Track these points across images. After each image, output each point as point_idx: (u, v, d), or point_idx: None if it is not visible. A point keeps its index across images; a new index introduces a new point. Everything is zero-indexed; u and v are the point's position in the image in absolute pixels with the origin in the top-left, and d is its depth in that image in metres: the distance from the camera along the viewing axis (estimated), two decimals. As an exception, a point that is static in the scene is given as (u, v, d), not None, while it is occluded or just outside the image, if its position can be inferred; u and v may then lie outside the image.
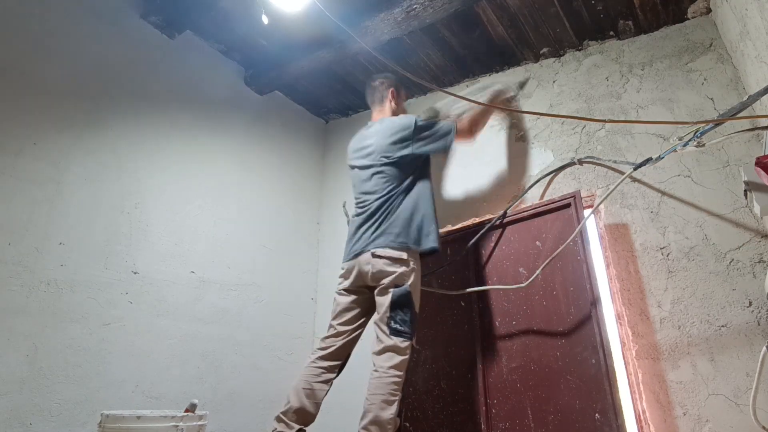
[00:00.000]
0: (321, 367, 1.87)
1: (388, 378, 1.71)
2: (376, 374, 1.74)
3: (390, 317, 1.79)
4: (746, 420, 1.56)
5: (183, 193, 2.28)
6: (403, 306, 1.81)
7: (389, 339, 1.77)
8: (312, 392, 1.82)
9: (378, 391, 1.70)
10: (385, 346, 1.77)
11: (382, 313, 1.82)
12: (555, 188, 2.24)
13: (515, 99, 2.53)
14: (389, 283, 1.83)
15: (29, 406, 1.61)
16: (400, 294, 1.82)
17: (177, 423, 1.54)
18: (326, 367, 1.88)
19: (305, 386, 1.83)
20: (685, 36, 2.20)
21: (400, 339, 1.77)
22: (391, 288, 1.83)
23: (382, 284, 1.85)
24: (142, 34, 2.33)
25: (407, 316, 1.81)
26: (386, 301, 1.82)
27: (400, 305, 1.81)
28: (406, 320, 1.80)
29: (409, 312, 1.82)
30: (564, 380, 1.84)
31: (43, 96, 1.90)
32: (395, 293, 1.81)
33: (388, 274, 1.85)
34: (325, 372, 1.87)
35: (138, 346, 1.93)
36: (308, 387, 1.83)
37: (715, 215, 1.86)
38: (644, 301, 1.87)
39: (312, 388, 1.83)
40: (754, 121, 1.82)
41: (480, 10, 2.28)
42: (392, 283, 1.83)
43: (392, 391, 1.70)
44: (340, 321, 1.95)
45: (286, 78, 2.74)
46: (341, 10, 2.26)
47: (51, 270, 1.76)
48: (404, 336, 1.77)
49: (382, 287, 1.85)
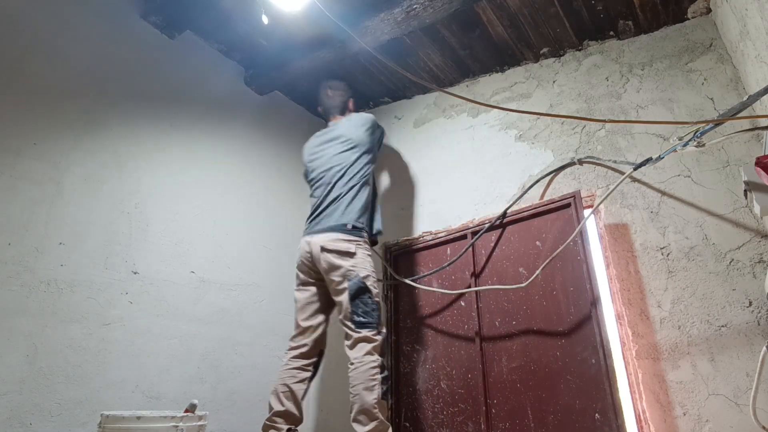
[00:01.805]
0: (295, 367, 1.93)
1: (364, 366, 1.78)
2: (352, 366, 1.80)
3: (352, 312, 1.87)
4: (746, 420, 1.56)
5: (183, 193, 2.28)
6: (361, 296, 1.89)
7: (357, 333, 1.85)
8: (291, 393, 1.88)
9: (357, 381, 1.76)
10: (354, 339, 1.85)
11: (344, 310, 1.90)
12: (555, 188, 2.24)
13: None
14: (341, 278, 1.91)
15: (29, 406, 1.61)
16: (356, 287, 1.89)
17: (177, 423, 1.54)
18: (301, 366, 1.94)
19: (283, 389, 1.88)
20: (685, 36, 2.20)
21: (366, 330, 1.84)
22: (345, 282, 1.90)
23: (334, 281, 1.93)
24: (142, 34, 2.33)
25: (368, 306, 1.88)
26: (345, 298, 1.90)
27: (358, 296, 1.89)
28: (368, 310, 1.88)
29: (369, 300, 1.89)
30: (564, 380, 1.84)
31: (43, 96, 1.90)
32: (350, 287, 1.89)
33: (338, 267, 1.93)
34: (300, 371, 1.93)
35: (138, 346, 1.93)
36: (286, 389, 1.88)
37: (715, 215, 1.86)
38: (644, 301, 1.87)
39: (291, 390, 1.88)
40: (754, 121, 1.82)
41: (480, 10, 2.28)
42: (344, 277, 1.91)
43: (371, 377, 1.76)
44: (304, 317, 2.02)
45: (286, 78, 2.74)
46: (341, 10, 2.26)
47: (51, 270, 1.76)
48: (370, 326, 1.85)
49: (335, 284, 1.93)
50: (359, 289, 1.89)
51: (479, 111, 2.66)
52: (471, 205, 2.46)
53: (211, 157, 2.47)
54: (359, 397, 1.73)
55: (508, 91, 2.62)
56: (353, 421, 1.72)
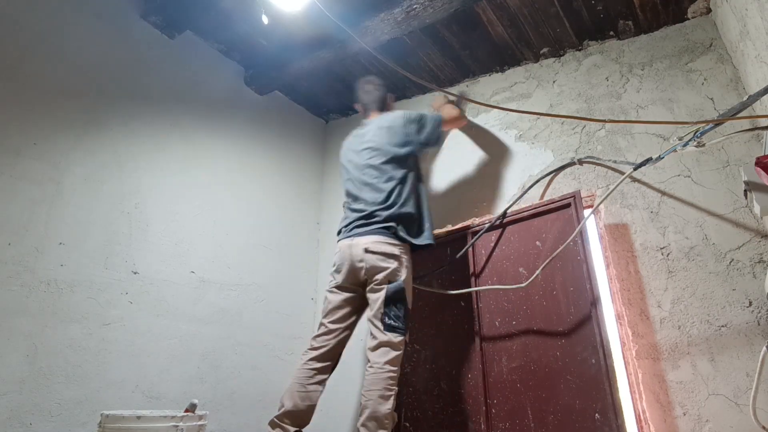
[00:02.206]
0: (314, 368, 1.88)
1: (383, 373, 1.73)
2: (371, 370, 1.75)
3: (384, 313, 1.82)
4: (746, 420, 1.56)
5: (183, 193, 2.28)
6: (396, 302, 1.84)
7: (383, 335, 1.79)
8: (306, 394, 1.82)
9: (374, 387, 1.71)
10: (379, 341, 1.79)
11: (375, 309, 1.84)
12: (555, 188, 2.24)
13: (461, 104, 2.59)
14: (383, 279, 1.85)
15: (29, 406, 1.61)
16: (395, 290, 1.84)
17: (177, 423, 1.54)
18: (319, 368, 1.88)
19: (299, 389, 1.83)
20: (685, 36, 2.20)
21: (394, 334, 1.79)
22: (385, 284, 1.85)
23: (375, 280, 1.86)
24: (142, 34, 2.33)
25: (401, 312, 1.83)
26: (380, 297, 1.84)
27: (393, 301, 1.83)
28: (400, 316, 1.83)
29: (402, 307, 1.85)
30: (564, 380, 1.84)
31: (43, 96, 1.90)
32: (389, 289, 1.84)
33: (382, 269, 1.86)
34: (318, 373, 1.87)
35: (138, 346, 1.93)
36: (302, 390, 1.83)
37: (715, 215, 1.86)
38: (644, 301, 1.87)
39: (306, 390, 1.83)
40: (754, 121, 1.82)
41: (480, 10, 2.28)
42: (386, 278, 1.85)
43: (388, 386, 1.72)
44: (332, 319, 1.96)
45: (286, 78, 2.74)
46: (341, 10, 2.26)
47: (51, 270, 1.76)
48: (398, 331, 1.80)
49: (375, 283, 1.86)
50: (397, 293, 1.83)
51: (479, 111, 2.66)
52: (471, 205, 2.46)
53: (211, 157, 2.47)
54: (373, 403, 1.68)
55: (508, 91, 2.61)
56: (361, 425, 1.68)
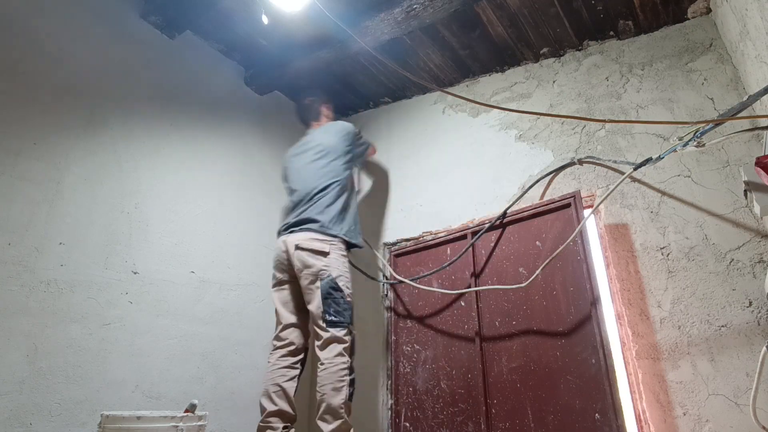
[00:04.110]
0: (284, 366, 1.96)
1: (334, 367, 1.81)
2: (322, 366, 1.83)
3: (324, 311, 1.90)
4: (746, 420, 1.56)
5: (183, 193, 2.28)
6: (333, 295, 1.92)
7: (326, 332, 1.88)
8: (283, 392, 1.90)
9: (326, 381, 1.79)
10: (325, 339, 1.87)
11: (315, 310, 1.93)
12: (555, 188, 2.24)
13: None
14: (314, 278, 1.95)
15: (29, 406, 1.61)
16: (327, 286, 1.93)
17: (177, 423, 1.54)
18: (289, 364, 1.97)
19: (275, 389, 1.90)
20: (685, 36, 2.20)
21: (336, 329, 1.88)
22: (317, 282, 1.94)
23: (307, 280, 1.96)
24: (142, 34, 2.33)
25: (340, 306, 1.92)
26: (316, 298, 1.93)
27: (330, 295, 1.92)
28: (339, 309, 1.91)
29: (341, 299, 1.93)
30: (564, 380, 1.84)
31: (43, 96, 1.90)
32: (322, 287, 1.93)
33: (311, 265, 1.96)
34: (289, 369, 1.96)
35: (138, 346, 1.93)
36: (278, 389, 1.90)
37: (715, 215, 1.86)
38: (644, 301, 1.87)
39: (282, 388, 1.90)
40: (754, 121, 1.82)
41: (480, 10, 2.28)
42: (317, 276, 1.94)
43: (340, 378, 1.80)
44: (286, 314, 2.06)
45: (286, 78, 2.74)
46: (341, 10, 2.26)
47: (51, 270, 1.76)
48: (340, 325, 1.89)
49: (308, 283, 1.96)
50: (331, 289, 1.93)
51: (479, 111, 2.66)
52: (471, 205, 2.46)
53: (211, 157, 2.47)
54: (327, 397, 1.77)
55: (508, 91, 2.62)
56: (319, 419, 1.77)
